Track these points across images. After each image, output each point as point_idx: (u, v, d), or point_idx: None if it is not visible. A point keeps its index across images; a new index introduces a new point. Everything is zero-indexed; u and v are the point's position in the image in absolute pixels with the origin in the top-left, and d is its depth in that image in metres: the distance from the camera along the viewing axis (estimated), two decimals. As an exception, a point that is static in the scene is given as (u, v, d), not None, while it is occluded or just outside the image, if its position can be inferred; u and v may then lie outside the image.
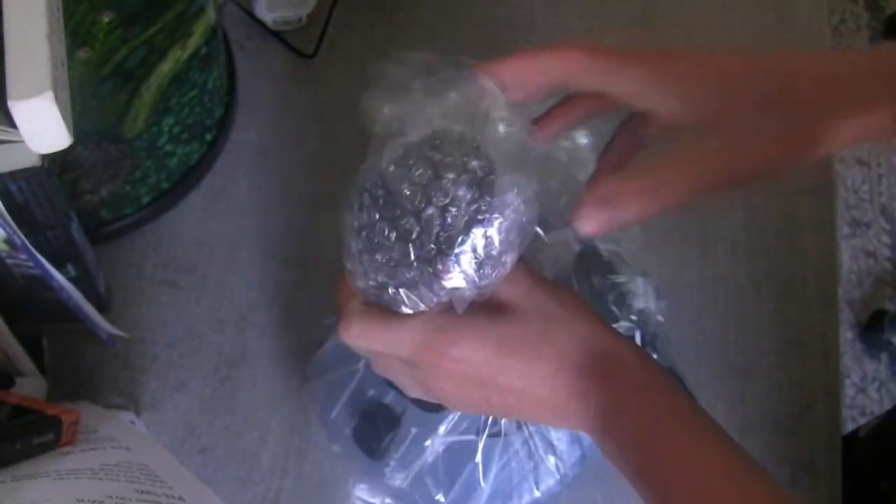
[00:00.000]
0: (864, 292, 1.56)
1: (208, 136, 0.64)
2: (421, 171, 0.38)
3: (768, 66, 0.41)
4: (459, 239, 0.38)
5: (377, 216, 0.40)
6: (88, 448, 0.44)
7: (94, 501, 0.36)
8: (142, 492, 0.39)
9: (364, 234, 0.40)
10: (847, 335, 1.51)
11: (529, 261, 0.42)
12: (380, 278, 0.40)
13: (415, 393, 0.44)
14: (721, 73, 0.40)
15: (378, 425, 0.52)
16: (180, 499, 0.39)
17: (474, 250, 0.38)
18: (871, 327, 1.51)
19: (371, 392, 0.53)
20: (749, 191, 0.69)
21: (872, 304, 1.54)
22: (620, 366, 0.40)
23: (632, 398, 0.39)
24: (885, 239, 1.60)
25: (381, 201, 0.39)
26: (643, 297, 0.53)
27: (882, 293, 1.56)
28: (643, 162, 0.41)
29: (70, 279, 0.49)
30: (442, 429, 0.51)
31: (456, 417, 0.51)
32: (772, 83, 0.40)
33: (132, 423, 0.55)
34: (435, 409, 0.51)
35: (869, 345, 1.52)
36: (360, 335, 0.42)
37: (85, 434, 0.45)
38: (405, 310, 0.41)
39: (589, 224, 0.39)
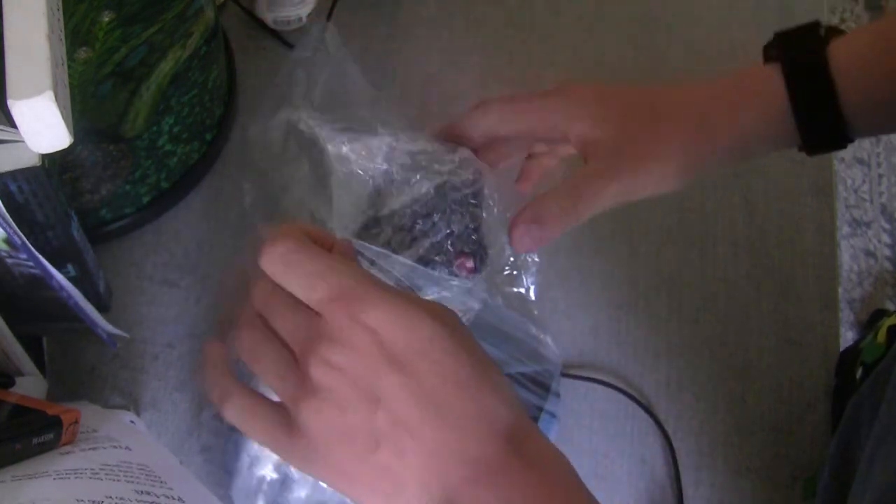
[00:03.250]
0: (864, 292, 1.56)
1: (208, 136, 0.64)
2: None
3: (642, 97, 0.47)
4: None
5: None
6: (88, 448, 0.44)
7: (94, 501, 0.36)
8: (141, 492, 0.39)
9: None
10: (847, 335, 1.51)
11: None
12: None
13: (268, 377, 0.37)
14: (604, 103, 0.46)
15: None
16: (180, 500, 0.39)
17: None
18: (871, 327, 1.51)
19: None
20: (749, 191, 0.69)
21: (872, 304, 1.54)
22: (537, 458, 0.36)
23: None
24: (886, 239, 1.60)
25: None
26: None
27: (882, 293, 1.56)
28: (562, 185, 0.46)
29: (70, 279, 0.49)
30: None
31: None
32: (644, 111, 0.46)
33: (132, 423, 0.55)
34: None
35: (869, 345, 1.52)
36: (292, 251, 0.37)
37: (85, 434, 0.45)
38: None
39: (524, 241, 0.45)
